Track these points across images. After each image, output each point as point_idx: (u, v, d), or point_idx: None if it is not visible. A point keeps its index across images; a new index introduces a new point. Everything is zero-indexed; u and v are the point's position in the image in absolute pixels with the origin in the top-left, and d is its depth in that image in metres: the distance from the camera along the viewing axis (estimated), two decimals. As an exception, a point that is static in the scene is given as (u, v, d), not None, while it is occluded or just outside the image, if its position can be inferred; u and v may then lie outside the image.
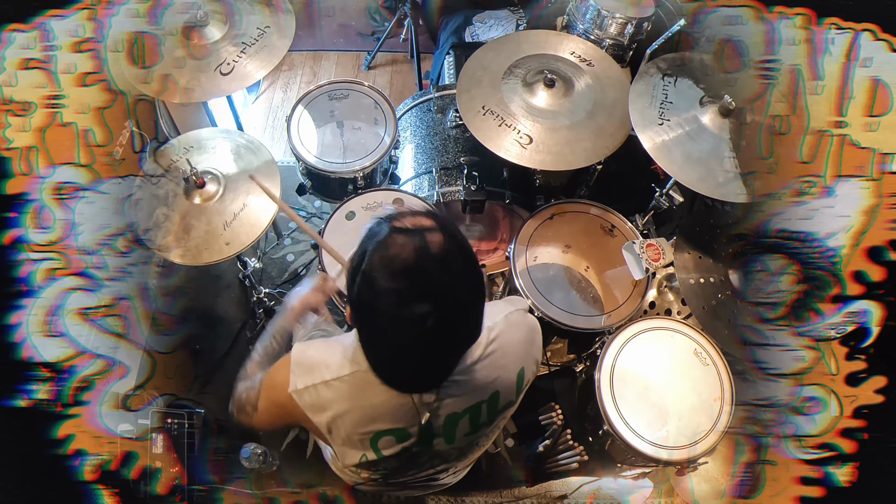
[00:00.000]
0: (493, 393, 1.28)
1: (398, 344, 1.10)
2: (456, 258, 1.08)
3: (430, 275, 1.04)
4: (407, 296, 1.03)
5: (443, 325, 1.05)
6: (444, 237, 1.06)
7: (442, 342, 1.10)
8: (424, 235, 1.05)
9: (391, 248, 1.04)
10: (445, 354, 1.15)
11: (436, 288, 1.04)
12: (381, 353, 1.15)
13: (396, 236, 1.05)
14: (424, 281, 1.04)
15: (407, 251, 1.03)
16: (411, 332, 1.05)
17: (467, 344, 1.17)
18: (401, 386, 1.19)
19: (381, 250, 1.05)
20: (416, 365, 1.14)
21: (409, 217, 1.09)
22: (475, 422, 1.30)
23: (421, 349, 1.10)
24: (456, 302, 1.07)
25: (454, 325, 1.09)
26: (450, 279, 1.06)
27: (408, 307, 1.03)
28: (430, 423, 1.24)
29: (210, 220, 2.08)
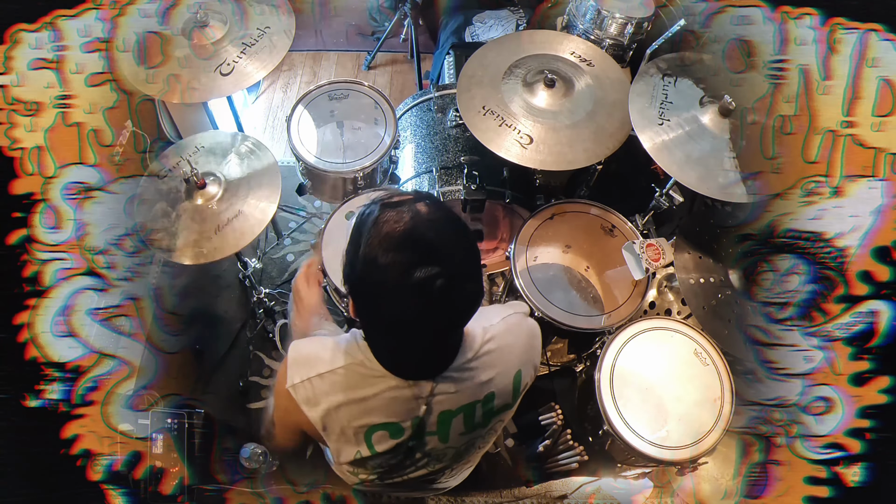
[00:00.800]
0: (487, 394, 1.28)
1: (404, 320, 1.10)
2: (448, 223, 1.11)
3: (427, 239, 1.07)
4: (410, 264, 1.04)
5: (449, 285, 1.06)
6: (429, 205, 1.11)
7: (447, 309, 1.11)
8: (413, 205, 1.09)
9: (385, 224, 1.07)
10: (450, 325, 1.16)
11: (436, 250, 1.06)
12: (386, 337, 1.17)
13: (386, 213, 1.09)
14: (424, 246, 1.06)
15: (401, 223, 1.07)
16: (420, 300, 1.06)
17: (470, 310, 1.17)
18: (402, 370, 1.20)
19: (377, 228, 1.08)
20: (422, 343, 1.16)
21: (395, 195, 1.14)
22: (470, 422, 1.31)
23: (427, 321, 1.10)
24: (457, 260, 1.09)
25: (458, 287, 1.09)
26: (446, 241, 1.09)
27: (413, 275, 1.04)
28: (424, 419, 1.25)
29: (204, 221, 2.08)
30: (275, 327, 2.78)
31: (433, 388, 1.22)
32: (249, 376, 2.69)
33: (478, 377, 1.26)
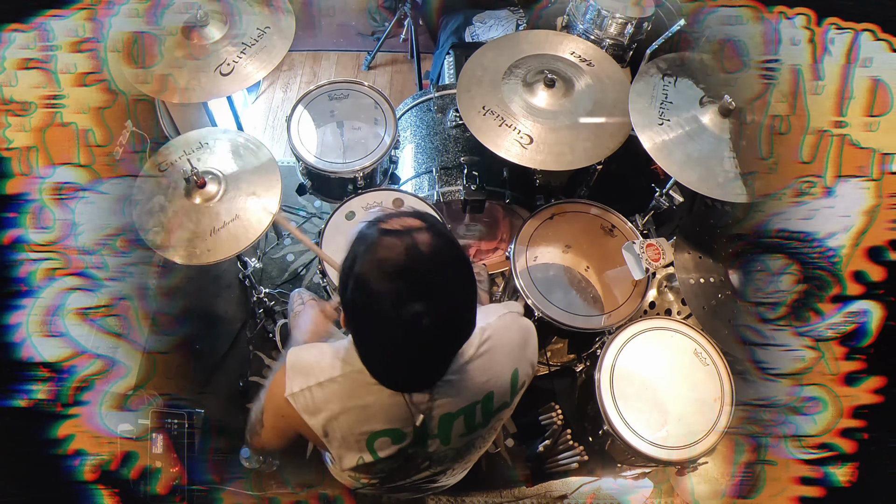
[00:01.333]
0: (487, 394, 1.28)
1: (393, 344, 1.10)
2: (446, 255, 1.09)
3: (422, 274, 1.05)
4: (401, 296, 1.03)
5: (438, 322, 1.05)
6: (432, 236, 1.08)
7: (437, 340, 1.11)
8: (413, 235, 1.06)
9: (381, 250, 1.05)
10: (441, 352, 1.16)
11: (429, 286, 1.05)
12: (376, 354, 1.16)
13: (385, 238, 1.06)
14: (417, 280, 1.04)
15: (397, 252, 1.04)
16: (407, 332, 1.06)
17: (462, 340, 1.17)
18: (395, 385, 1.20)
19: (372, 253, 1.06)
20: (412, 364, 1.15)
21: (397, 218, 1.10)
22: (470, 423, 1.31)
23: (416, 348, 1.10)
24: (449, 299, 1.08)
25: (449, 321, 1.09)
26: (442, 277, 1.07)
27: (402, 308, 1.03)
28: (425, 423, 1.25)
29: (200, 222, 2.07)
30: (275, 327, 2.77)
31: (432, 394, 1.22)
32: (249, 376, 2.69)
33: (476, 378, 1.26)
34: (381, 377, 1.18)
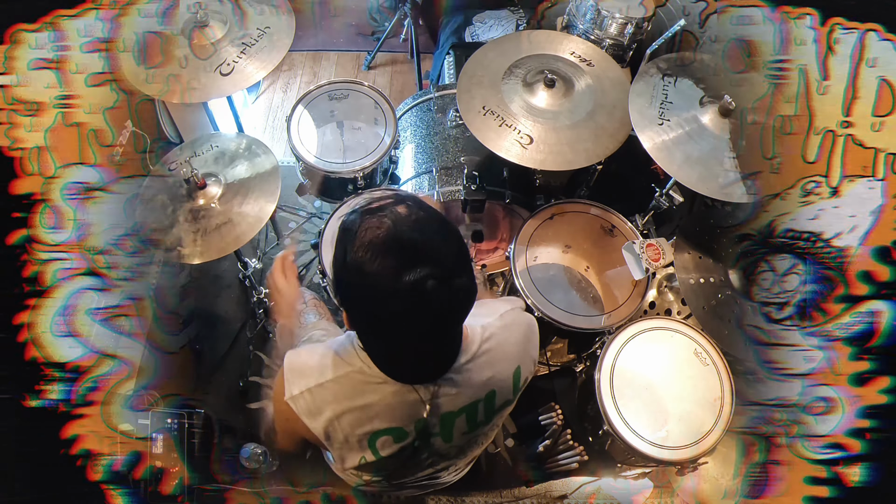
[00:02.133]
0: (489, 392, 1.28)
1: (400, 324, 1.09)
2: (429, 220, 1.10)
3: (412, 240, 1.05)
4: (398, 268, 1.03)
5: (440, 283, 1.04)
6: (409, 206, 1.09)
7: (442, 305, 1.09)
8: (392, 209, 1.07)
9: (367, 231, 1.06)
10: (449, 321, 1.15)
11: (421, 252, 1.05)
12: (382, 343, 1.16)
13: (366, 219, 1.07)
14: (409, 248, 1.05)
15: (382, 228, 1.05)
16: (413, 303, 1.05)
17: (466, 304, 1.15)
18: (402, 376, 1.19)
19: (359, 238, 1.06)
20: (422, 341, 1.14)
21: (373, 201, 1.11)
22: (472, 420, 1.31)
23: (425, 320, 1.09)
24: (444, 259, 1.07)
25: (450, 283, 1.07)
26: (432, 241, 1.07)
27: (402, 278, 1.03)
28: (427, 421, 1.24)
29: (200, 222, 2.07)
30: (275, 327, 2.77)
31: (435, 391, 1.21)
32: (249, 376, 2.69)
33: (478, 376, 1.26)
34: (388, 368, 1.18)
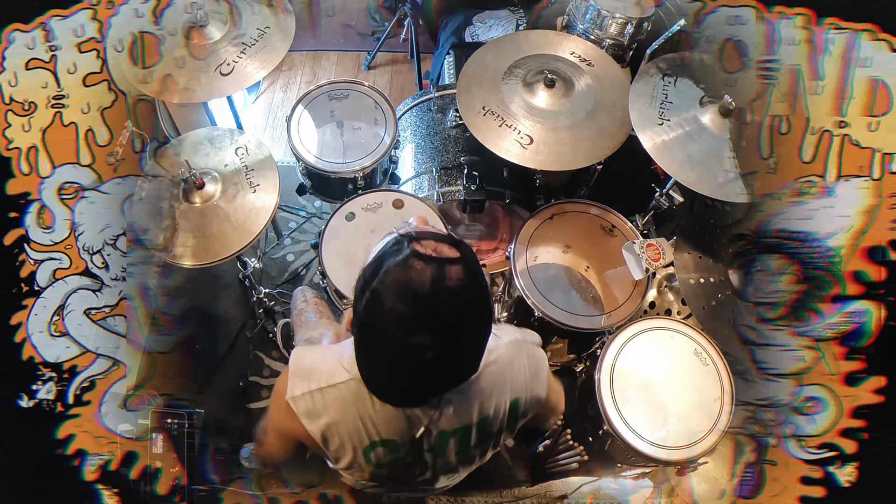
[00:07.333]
0: (482, 418, 1.26)
1: (392, 362, 1.09)
2: (470, 295, 1.05)
3: (440, 308, 1.02)
4: (412, 323, 1.01)
5: (440, 360, 1.04)
6: (463, 271, 1.03)
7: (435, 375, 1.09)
8: (444, 267, 1.02)
9: (407, 271, 1.01)
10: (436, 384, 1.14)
11: (443, 322, 1.02)
12: (373, 367, 1.15)
13: (415, 260, 1.02)
14: (433, 313, 1.02)
15: (423, 278, 1.00)
16: (407, 358, 1.05)
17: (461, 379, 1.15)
18: (389, 400, 1.19)
19: (397, 271, 1.02)
20: (405, 386, 1.14)
21: (433, 242, 1.05)
22: (465, 443, 1.30)
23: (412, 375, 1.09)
24: (460, 340, 1.06)
25: (452, 362, 1.08)
26: (459, 316, 1.04)
27: (410, 335, 1.01)
28: (422, 438, 1.24)
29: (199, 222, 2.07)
30: (275, 327, 2.77)
31: (428, 411, 1.21)
32: (249, 376, 2.69)
33: (475, 400, 1.24)
34: (375, 390, 1.18)
